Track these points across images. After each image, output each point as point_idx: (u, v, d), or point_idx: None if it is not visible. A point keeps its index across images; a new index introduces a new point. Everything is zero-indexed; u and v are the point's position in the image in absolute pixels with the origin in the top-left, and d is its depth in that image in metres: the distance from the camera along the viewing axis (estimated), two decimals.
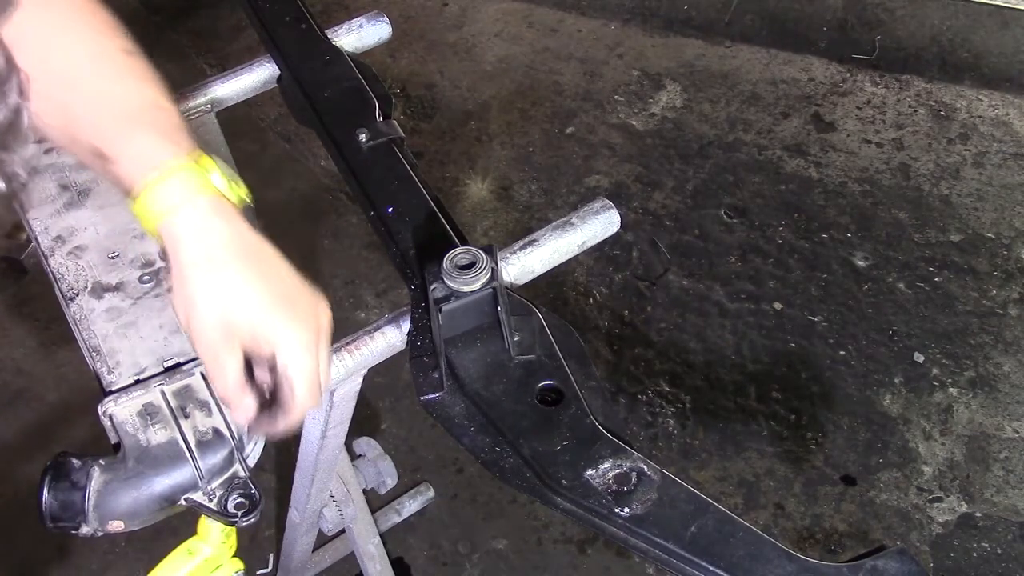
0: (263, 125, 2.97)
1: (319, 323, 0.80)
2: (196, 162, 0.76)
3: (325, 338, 0.81)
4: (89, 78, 0.78)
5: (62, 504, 0.81)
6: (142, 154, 0.76)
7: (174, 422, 0.86)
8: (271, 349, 0.77)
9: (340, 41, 1.34)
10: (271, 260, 0.79)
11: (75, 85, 0.78)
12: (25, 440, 2.24)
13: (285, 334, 0.76)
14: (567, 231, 1.06)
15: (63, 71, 0.77)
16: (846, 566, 0.74)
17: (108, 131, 0.77)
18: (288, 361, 0.77)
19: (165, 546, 1.01)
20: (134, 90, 0.78)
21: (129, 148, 0.76)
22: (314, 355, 0.78)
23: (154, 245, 1.01)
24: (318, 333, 0.79)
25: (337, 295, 2.55)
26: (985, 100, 2.98)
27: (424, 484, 2.12)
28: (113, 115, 0.77)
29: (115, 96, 0.78)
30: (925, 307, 2.47)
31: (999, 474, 2.15)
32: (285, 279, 0.79)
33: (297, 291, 0.80)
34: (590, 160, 2.87)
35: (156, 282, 0.99)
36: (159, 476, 0.84)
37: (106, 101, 0.77)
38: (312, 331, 0.78)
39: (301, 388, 0.78)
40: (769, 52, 3.18)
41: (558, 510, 0.82)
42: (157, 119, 0.77)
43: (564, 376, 0.88)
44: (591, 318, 2.47)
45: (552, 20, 3.35)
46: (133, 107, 0.77)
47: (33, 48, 0.77)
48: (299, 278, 0.81)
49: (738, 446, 2.22)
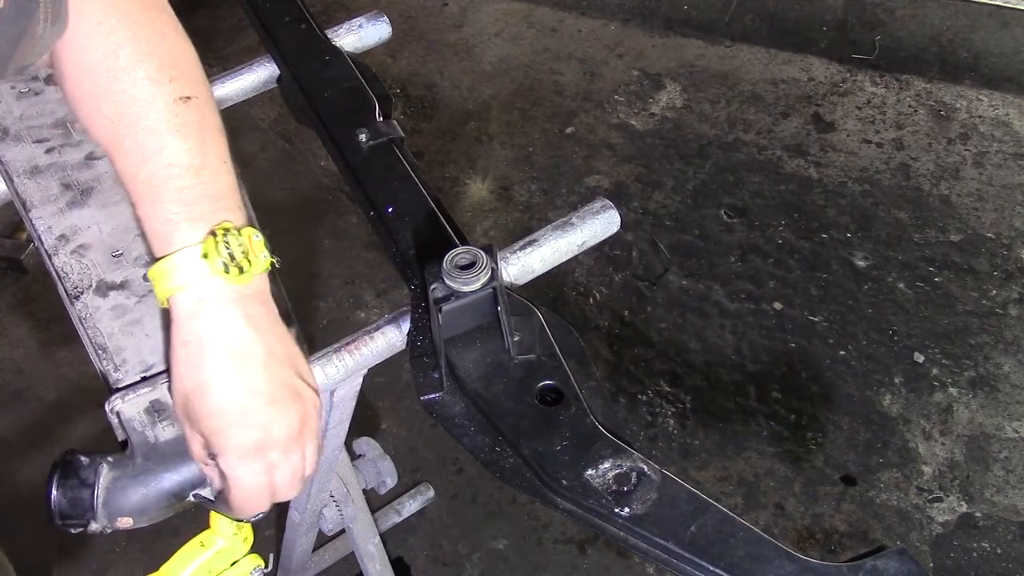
0: (263, 125, 2.97)
1: (289, 427, 0.78)
2: (215, 237, 0.75)
3: (309, 431, 0.80)
4: (131, 128, 0.77)
5: (71, 501, 0.82)
6: (159, 228, 0.76)
7: None
8: (214, 450, 0.78)
9: (340, 41, 1.34)
10: (255, 355, 0.77)
11: (120, 134, 0.77)
12: (25, 440, 2.24)
13: (224, 443, 0.76)
14: (567, 231, 1.06)
15: (114, 116, 0.77)
16: (846, 566, 0.74)
17: (137, 190, 0.77)
18: (226, 469, 0.78)
19: (166, 545, 1.01)
20: (172, 148, 0.77)
21: (150, 215, 0.77)
22: (258, 462, 0.78)
23: None
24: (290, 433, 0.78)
25: (337, 295, 2.55)
26: (985, 100, 2.98)
27: (424, 484, 2.12)
28: (144, 175, 0.77)
29: (148, 154, 0.77)
30: (925, 307, 2.47)
31: (999, 474, 2.15)
32: (264, 376, 0.77)
33: (277, 389, 0.78)
34: (590, 160, 2.87)
35: None
36: (167, 472, 0.84)
37: (140, 157, 0.77)
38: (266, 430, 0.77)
39: (238, 495, 0.79)
40: (769, 52, 3.18)
41: (558, 510, 0.82)
42: (186, 186, 0.76)
43: (564, 376, 0.88)
44: (591, 318, 2.47)
45: (552, 20, 3.35)
46: (163, 168, 0.76)
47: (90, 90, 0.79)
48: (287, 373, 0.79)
49: (738, 446, 2.22)
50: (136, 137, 0.77)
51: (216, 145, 0.80)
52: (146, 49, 0.79)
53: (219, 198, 0.78)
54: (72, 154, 1.10)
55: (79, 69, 0.79)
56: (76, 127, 1.13)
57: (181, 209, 0.76)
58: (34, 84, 1.17)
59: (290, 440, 0.79)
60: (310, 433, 0.81)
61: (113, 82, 0.78)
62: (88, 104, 0.80)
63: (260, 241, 0.78)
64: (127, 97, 0.77)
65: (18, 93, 1.16)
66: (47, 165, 1.09)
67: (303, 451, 0.80)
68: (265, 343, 0.77)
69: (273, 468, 0.79)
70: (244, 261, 0.76)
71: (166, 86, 0.78)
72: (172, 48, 0.81)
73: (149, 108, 0.77)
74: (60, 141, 1.12)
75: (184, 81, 0.80)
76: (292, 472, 0.80)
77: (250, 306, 0.77)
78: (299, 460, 0.80)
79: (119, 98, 0.78)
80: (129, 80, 0.78)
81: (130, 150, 0.77)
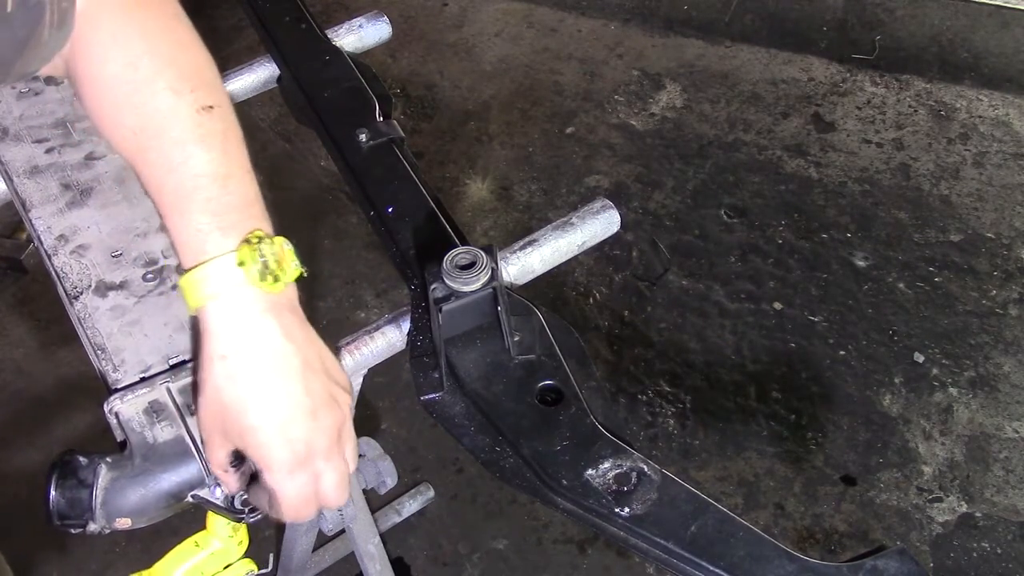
0: (263, 125, 2.97)
1: (329, 435, 0.78)
2: (250, 244, 0.75)
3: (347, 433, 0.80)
4: (155, 139, 0.76)
5: (70, 502, 0.82)
6: (190, 238, 0.75)
7: (180, 419, 0.86)
8: (259, 465, 0.77)
9: (340, 41, 1.34)
10: (293, 368, 0.76)
11: (143, 146, 0.77)
12: (24, 440, 2.24)
13: (270, 458, 0.76)
14: (567, 231, 1.06)
15: (137, 127, 0.77)
16: (846, 566, 0.74)
17: (164, 201, 0.77)
18: (272, 484, 0.77)
19: (166, 545, 1.01)
20: (197, 159, 0.76)
21: (179, 225, 0.76)
22: (304, 474, 0.77)
23: (157, 243, 1.02)
24: (331, 441, 0.78)
25: (337, 295, 2.55)
26: (985, 100, 2.98)
27: (424, 484, 2.12)
28: (171, 186, 0.76)
29: (174, 165, 0.76)
30: (925, 307, 2.47)
31: (999, 474, 2.15)
32: (302, 389, 0.76)
33: (316, 399, 0.77)
34: (590, 160, 2.87)
35: (160, 280, 0.99)
36: (166, 473, 0.84)
37: (165, 169, 0.76)
38: (308, 442, 0.76)
39: (286, 506, 0.78)
40: (769, 52, 3.18)
41: (558, 510, 0.82)
42: (213, 196, 0.76)
43: (564, 376, 0.88)
44: (591, 318, 2.47)
45: (552, 20, 3.35)
46: (190, 179, 0.76)
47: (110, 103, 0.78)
48: (323, 380, 0.78)
49: (738, 446, 2.22)
50: (161, 148, 0.76)
51: (239, 154, 0.80)
52: (165, 59, 0.78)
53: (247, 207, 0.78)
54: (72, 154, 1.10)
55: (98, 82, 0.79)
56: (76, 127, 1.13)
57: (211, 219, 0.75)
58: (34, 84, 1.17)
59: (332, 447, 0.78)
60: (348, 435, 0.81)
61: (135, 94, 0.77)
62: (109, 117, 0.79)
63: (290, 249, 0.78)
64: (149, 108, 0.77)
65: (18, 93, 1.16)
66: (47, 165, 1.09)
67: (344, 455, 0.80)
68: (302, 354, 0.77)
69: (319, 477, 0.78)
70: (278, 269, 0.76)
71: (188, 96, 0.77)
72: (191, 57, 0.81)
73: (172, 119, 0.77)
74: (60, 141, 1.12)
75: (205, 90, 0.79)
76: (338, 478, 0.79)
77: (284, 316, 0.77)
78: (342, 464, 0.80)
79: (141, 110, 0.77)
80: (150, 91, 0.77)
81: (155, 162, 0.77)
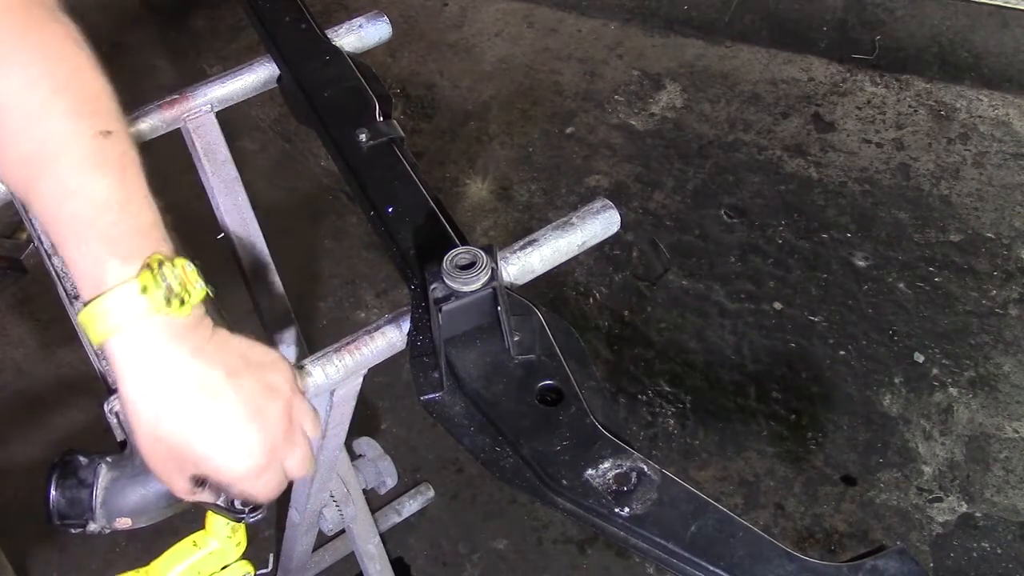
0: (263, 125, 2.98)
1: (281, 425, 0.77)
2: (151, 269, 0.71)
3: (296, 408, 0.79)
4: (50, 166, 0.72)
5: (70, 501, 0.82)
6: (87, 268, 0.72)
7: None
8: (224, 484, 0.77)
9: (340, 41, 1.34)
10: (217, 381, 0.74)
11: (37, 174, 0.73)
12: (24, 440, 2.24)
13: (233, 475, 0.75)
14: (567, 231, 1.06)
15: (27, 155, 0.73)
16: (846, 566, 0.74)
17: (60, 231, 0.73)
18: (243, 494, 0.77)
19: (166, 545, 1.01)
20: (95, 185, 0.72)
21: (76, 256, 0.72)
22: (270, 470, 0.77)
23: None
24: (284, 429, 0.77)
25: (337, 295, 2.55)
26: (985, 100, 2.98)
27: (424, 484, 2.12)
28: (67, 215, 0.72)
29: (70, 192, 0.72)
30: (925, 307, 2.47)
31: (999, 474, 2.15)
32: (235, 398, 0.74)
33: (253, 399, 0.76)
34: (590, 160, 2.87)
35: None
36: None
37: (61, 197, 0.72)
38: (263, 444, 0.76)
39: (263, 500, 0.79)
40: (769, 52, 3.18)
41: (558, 510, 0.82)
42: (111, 223, 0.72)
43: (564, 376, 0.88)
44: (591, 318, 2.47)
45: (552, 20, 3.35)
46: (87, 207, 0.72)
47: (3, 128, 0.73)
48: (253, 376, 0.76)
49: (738, 446, 2.22)
50: (56, 175, 0.72)
51: (137, 179, 0.76)
52: (62, 83, 0.74)
53: (146, 233, 0.74)
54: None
55: None
56: None
57: (109, 247, 0.72)
58: None
59: (287, 432, 0.78)
60: (299, 409, 0.80)
61: (30, 117, 0.73)
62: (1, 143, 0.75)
63: (193, 270, 0.75)
64: (45, 132, 0.73)
65: None
66: None
67: (301, 430, 0.80)
68: (221, 364, 0.75)
69: (283, 461, 0.78)
70: (183, 292, 0.73)
71: (86, 120, 0.74)
72: (89, 82, 0.77)
73: (69, 144, 0.73)
74: None
75: (104, 116, 0.75)
76: (302, 453, 0.80)
77: (192, 337, 0.74)
78: (302, 439, 0.80)
79: (36, 134, 0.73)
80: (47, 115, 0.73)
81: (49, 191, 0.73)
